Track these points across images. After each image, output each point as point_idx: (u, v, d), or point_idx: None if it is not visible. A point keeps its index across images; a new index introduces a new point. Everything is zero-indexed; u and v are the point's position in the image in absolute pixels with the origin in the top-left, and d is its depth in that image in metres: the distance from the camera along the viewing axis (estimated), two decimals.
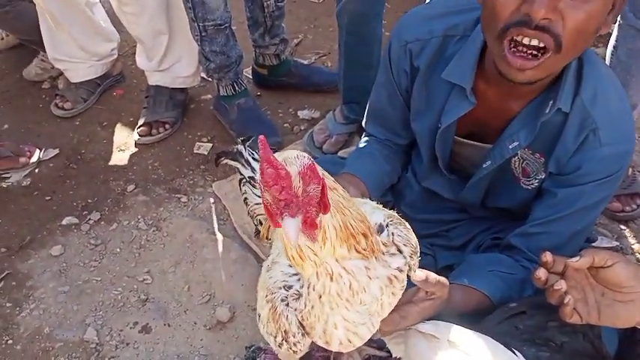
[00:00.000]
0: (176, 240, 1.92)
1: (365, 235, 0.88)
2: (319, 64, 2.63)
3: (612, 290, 1.06)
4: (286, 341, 1.00)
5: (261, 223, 1.27)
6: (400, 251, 0.97)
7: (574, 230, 1.27)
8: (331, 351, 1.19)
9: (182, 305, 1.73)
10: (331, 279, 0.89)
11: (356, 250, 0.87)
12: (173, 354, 1.61)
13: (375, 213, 1.02)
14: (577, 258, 1.06)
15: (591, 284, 1.09)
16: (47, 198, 2.09)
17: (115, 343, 1.65)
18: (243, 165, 1.26)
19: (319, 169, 0.79)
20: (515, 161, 1.30)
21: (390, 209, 1.58)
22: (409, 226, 1.03)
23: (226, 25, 2.06)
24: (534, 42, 1.02)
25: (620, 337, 1.17)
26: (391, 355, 1.31)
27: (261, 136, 0.74)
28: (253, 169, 1.24)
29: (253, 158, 1.25)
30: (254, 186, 1.24)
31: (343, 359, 1.36)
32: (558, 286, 1.06)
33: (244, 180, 1.26)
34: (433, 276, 1.05)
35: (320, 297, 0.92)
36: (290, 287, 0.99)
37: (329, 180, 0.82)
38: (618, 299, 1.06)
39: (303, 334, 0.99)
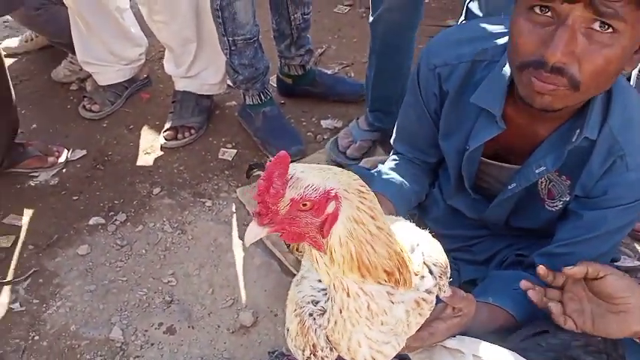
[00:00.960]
0: (201, 243, 1.95)
1: (389, 273, 0.87)
2: (342, 75, 2.67)
3: (606, 301, 1.11)
4: (314, 355, 1.02)
5: None
6: (430, 272, 0.98)
7: (599, 252, 1.27)
8: None
9: (206, 308, 1.77)
10: (347, 295, 0.89)
11: (375, 280, 0.87)
12: (197, 356, 1.65)
13: (407, 232, 1.02)
14: (571, 267, 1.13)
15: (588, 296, 1.14)
16: (74, 198, 2.14)
17: (140, 342, 1.69)
18: None
19: (365, 200, 0.81)
20: (541, 182, 1.31)
21: (415, 223, 1.62)
22: (440, 246, 1.03)
23: (255, 38, 2.10)
24: (548, 86, 1.04)
25: None
26: None
27: (283, 152, 0.76)
28: None
29: None
30: None
31: None
32: (535, 295, 1.17)
33: None
34: (460, 293, 1.07)
35: (340, 311, 0.93)
36: (317, 302, 1.00)
37: (364, 214, 0.82)
38: (611, 310, 1.11)
39: (331, 349, 1.00)
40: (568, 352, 1.12)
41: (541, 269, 1.17)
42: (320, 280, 1.01)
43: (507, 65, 1.19)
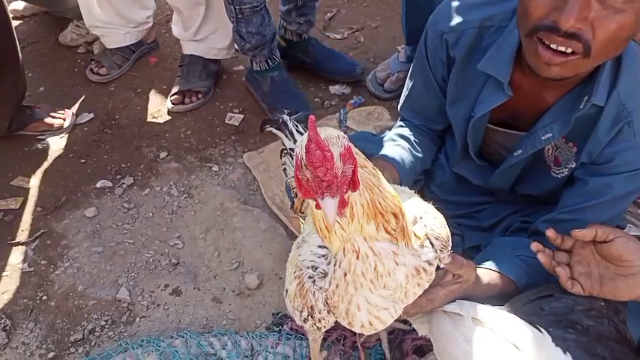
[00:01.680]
0: (207, 207, 1.96)
1: (395, 215, 0.89)
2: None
3: (614, 264, 1.12)
4: (311, 317, 1.04)
5: (297, 196, 1.30)
6: (432, 244, 1.00)
7: (602, 220, 1.27)
8: None
9: (212, 270, 1.78)
10: (357, 257, 0.91)
11: (385, 229, 0.89)
12: (202, 317, 1.67)
13: (411, 203, 1.04)
14: (580, 229, 1.13)
15: (596, 259, 1.15)
16: (82, 161, 2.14)
17: (147, 303, 1.71)
18: (286, 136, 1.28)
19: (353, 147, 0.81)
20: (548, 149, 1.31)
21: (420, 189, 1.62)
22: (443, 220, 1.05)
23: (262, 5, 2.05)
24: (561, 48, 1.03)
25: None
26: (414, 329, 1.35)
27: (312, 116, 0.76)
28: (296, 142, 1.26)
29: (297, 131, 1.27)
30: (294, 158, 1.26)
31: None
32: (544, 257, 1.17)
33: (285, 151, 1.28)
34: (460, 259, 1.08)
35: (345, 275, 0.94)
36: (316, 268, 1.02)
37: (360, 158, 0.84)
38: (619, 273, 1.11)
39: (328, 311, 1.03)
40: (570, 316, 1.13)
41: (550, 232, 1.18)
42: (320, 246, 1.02)
43: (516, 31, 1.17)
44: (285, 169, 1.31)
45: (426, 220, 1.01)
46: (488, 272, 1.24)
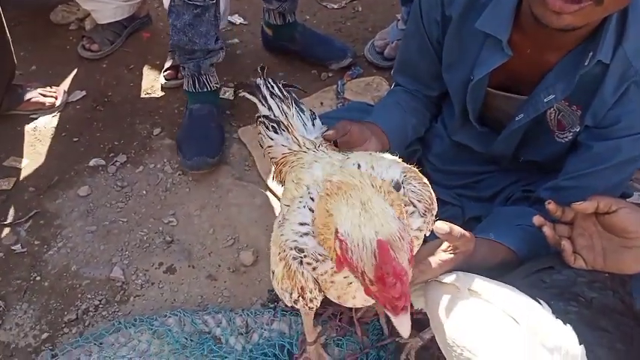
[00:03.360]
0: (201, 184, 1.92)
1: None
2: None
3: (618, 236, 1.07)
4: (302, 297, 1.00)
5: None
6: (415, 207, 0.96)
7: (607, 186, 1.22)
8: None
9: (206, 248, 1.74)
10: None
11: None
12: (197, 294, 1.64)
13: (392, 167, 1.00)
14: (581, 202, 1.08)
15: (599, 232, 1.10)
16: (74, 139, 2.10)
17: (141, 282, 1.67)
18: (260, 101, 1.21)
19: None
20: (550, 113, 1.24)
21: (418, 159, 1.56)
22: (426, 181, 1.00)
23: (200, 3, 1.79)
24: (571, 7, 0.96)
25: None
26: (412, 304, 1.30)
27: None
28: (270, 108, 1.19)
29: (272, 94, 1.20)
30: (268, 127, 1.20)
31: None
32: (549, 231, 1.11)
33: (260, 118, 1.21)
34: (457, 229, 1.03)
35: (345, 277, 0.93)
36: (301, 250, 0.96)
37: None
38: (624, 245, 1.06)
39: (319, 290, 0.99)
40: (572, 288, 1.07)
41: (550, 204, 1.13)
42: (302, 223, 0.97)
43: None
44: (261, 139, 1.24)
45: (406, 183, 0.98)
46: (487, 242, 1.18)
